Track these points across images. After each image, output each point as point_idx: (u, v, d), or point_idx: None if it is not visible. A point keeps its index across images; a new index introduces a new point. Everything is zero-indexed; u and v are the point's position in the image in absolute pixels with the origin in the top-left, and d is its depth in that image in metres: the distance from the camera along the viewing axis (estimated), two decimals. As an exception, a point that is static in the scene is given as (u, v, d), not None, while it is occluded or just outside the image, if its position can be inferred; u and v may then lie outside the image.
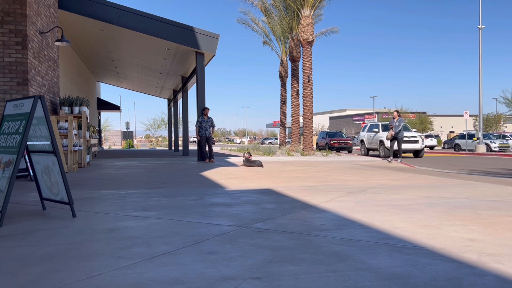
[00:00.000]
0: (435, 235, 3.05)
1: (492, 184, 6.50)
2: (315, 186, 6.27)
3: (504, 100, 48.98)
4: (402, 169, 10.78)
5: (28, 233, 3.21)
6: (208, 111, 13.15)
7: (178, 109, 24.38)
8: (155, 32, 12.94)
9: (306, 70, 18.77)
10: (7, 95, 8.05)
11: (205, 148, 13.04)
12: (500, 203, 4.54)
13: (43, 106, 3.81)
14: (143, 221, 3.65)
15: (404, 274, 2.19)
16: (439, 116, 68.28)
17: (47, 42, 9.83)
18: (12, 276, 2.20)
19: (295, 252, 2.62)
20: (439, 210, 4.08)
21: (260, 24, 26.06)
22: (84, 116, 10.34)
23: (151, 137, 76.06)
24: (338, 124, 78.79)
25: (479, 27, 25.76)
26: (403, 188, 5.91)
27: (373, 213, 3.93)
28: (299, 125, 23.91)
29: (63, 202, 3.93)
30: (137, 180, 7.41)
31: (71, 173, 8.63)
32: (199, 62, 13.94)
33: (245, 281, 2.11)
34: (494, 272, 2.23)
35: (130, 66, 19.76)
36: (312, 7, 18.85)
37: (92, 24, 12.83)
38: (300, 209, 4.19)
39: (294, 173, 8.55)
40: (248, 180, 7.16)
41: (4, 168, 3.74)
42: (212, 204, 4.54)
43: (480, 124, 26.44)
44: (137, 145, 49.65)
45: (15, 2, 8.10)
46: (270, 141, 68.56)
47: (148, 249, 2.72)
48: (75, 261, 2.45)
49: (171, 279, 2.13)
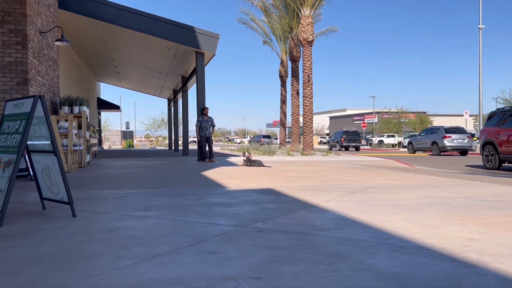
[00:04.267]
0: (435, 235, 3.05)
1: (492, 184, 6.50)
2: (315, 186, 6.27)
3: (503, 101, 48.94)
4: (402, 169, 10.79)
5: (28, 233, 3.21)
6: (207, 110, 13.16)
7: (178, 109, 24.38)
8: (155, 32, 12.94)
9: (306, 69, 18.77)
10: (7, 95, 8.05)
11: (205, 148, 13.04)
12: (500, 203, 4.54)
13: (43, 106, 3.81)
14: (143, 221, 3.65)
15: (404, 274, 2.19)
16: (439, 116, 68.24)
17: (47, 42, 9.83)
18: (12, 276, 2.20)
19: (295, 252, 2.62)
20: (439, 210, 4.08)
21: (260, 23, 26.06)
22: (84, 116, 10.34)
23: (151, 137, 75.99)
24: (338, 124, 78.80)
25: (479, 27, 25.76)
26: (403, 188, 5.91)
27: (373, 213, 3.93)
28: (299, 125, 23.92)
29: (63, 202, 3.92)
30: (137, 180, 7.41)
31: (71, 173, 8.63)
32: (199, 62, 13.94)
33: (245, 281, 2.11)
34: (494, 272, 2.23)
35: (130, 66, 19.76)
36: (312, 6, 18.84)
37: (92, 24, 12.83)
38: (300, 209, 4.19)
39: (294, 173, 8.55)
40: (248, 180, 7.16)
41: (4, 168, 3.74)
42: (212, 204, 4.54)
43: (480, 124, 26.44)
44: (137, 145, 49.63)
45: (15, 1, 8.10)
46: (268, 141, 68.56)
47: (148, 249, 2.72)
48: (75, 261, 2.45)
49: (171, 279, 2.13)
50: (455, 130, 22.39)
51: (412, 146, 24.46)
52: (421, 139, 23.96)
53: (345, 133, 32.79)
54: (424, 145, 23.46)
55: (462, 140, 21.69)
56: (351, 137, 32.39)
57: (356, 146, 32.44)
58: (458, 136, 21.83)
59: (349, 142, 32.11)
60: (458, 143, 21.65)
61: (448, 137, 21.79)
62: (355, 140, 32.31)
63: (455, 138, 21.73)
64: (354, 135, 32.82)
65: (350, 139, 32.23)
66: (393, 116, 51.23)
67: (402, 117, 50.03)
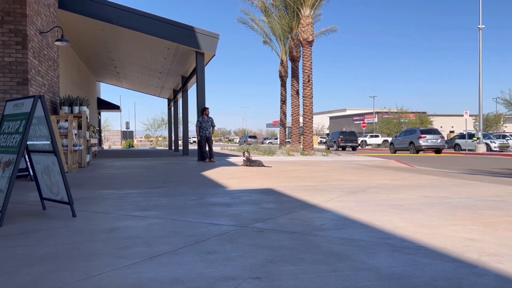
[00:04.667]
0: (435, 235, 3.05)
1: (492, 184, 6.50)
2: (315, 186, 6.27)
3: (503, 101, 48.93)
4: (402, 169, 10.79)
5: (28, 233, 3.21)
6: (208, 111, 13.16)
7: (178, 109, 24.38)
8: (155, 32, 12.94)
9: (306, 70, 18.77)
10: (7, 95, 8.05)
11: (205, 148, 13.04)
12: (500, 203, 4.54)
13: (43, 106, 3.81)
14: (143, 221, 3.65)
15: (404, 274, 2.19)
16: (439, 116, 68.24)
17: (47, 42, 9.83)
18: (12, 276, 2.20)
19: (295, 252, 2.62)
20: (439, 210, 4.08)
21: (260, 23, 26.06)
22: (84, 116, 10.34)
23: (151, 137, 76.03)
24: (338, 124, 78.78)
25: (479, 27, 25.76)
26: (403, 188, 5.91)
27: (373, 213, 3.93)
28: (299, 125, 23.94)
29: (63, 202, 3.92)
30: (137, 180, 7.41)
31: (71, 173, 8.63)
32: (199, 62, 13.94)
33: (245, 281, 2.11)
34: (494, 272, 2.23)
35: (130, 66, 19.76)
36: (312, 7, 18.84)
37: (92, 24, 12.83)
38: (300, 209, 4.19)
39: (294, 173, 8.55)
40: (248, 180, 7.16)
41: (4, 168, 3.74)
42: (212, 204, 4.54)
43: (480, 124, 26.44)
44: (137, 145, 49.65)
45: (15, 1, 8.10)
46: (270, 141, 68.67)
47: (148, 249, 2.72)
48: (75, 261, 2.45)
49: (171, 279, 2.13)
50: (430, 131, 24.85)
51: (393, 146, 26.38)
52: (401, 139, 25.93)
53: (342, 133, 34.24)
54: (403, 145, 25.46)
55: (436, 140, 23.97)
56: (348, 137, 33.69)
57: (353, 146, 33.80)
58: (432, 136, 24.04)
59: (346, 142, 33.42)
60: (432, 142, 23.88)
61: (423, 137, 23.98)
62: (352, 140, 33.64)
63: (430, 138, 23.96)
64: (351, 135, 34.14)
65: (347, 139, 33.57)
66: (393, 116, 51.26)
67: (402, 117, 50.06)
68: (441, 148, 24.08)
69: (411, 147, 24.48)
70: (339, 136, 33.76)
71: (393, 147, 26.29)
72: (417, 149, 24.11)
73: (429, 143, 23.76)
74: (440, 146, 23.90)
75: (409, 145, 24.79)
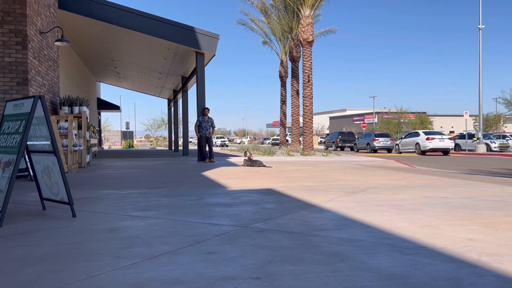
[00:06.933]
0: (435, 235, 3.05)
1: (492, 184, 6.49)
2: (315, 186, 6.27)
3: (503, 101, 48.94)
4: (402, 169, 10.79)
5: (28, 233, 3.20)
6: (208, 111, 13.16)
7: (178, 109, 24.38)
8: (155, 32, 12.94)
9: (306, 70, 18.77)
10: (7, 95, 8.05)
11: (205, 148, 13.05)
12: (500, 203, 4.54)
13: (43, 106, 3.81)
14: (143, 221, 3.65)
15: (404, 274, 2.19)
16: (439, 116, 68.27)
17: (47, 42, 9.83)
18: (12, 276, 2.20)
19: (295, 252, 2.62)
20: (439, 210, 4.08)
21: (260, 24, 26.09)
22: (84, 116, 10.34)
23: (151, 137, 75.98)
24: (338, 124, 78.78)
25: (479, 27, 25.76)
26: (403, 188, 5.91)
27: (373, 213, 3.93)
28: (299, 125, 23.94)
29: (63, 202, 3.92)
30: (137, 180, 7.41)
31: (71, 173, 8.63)
32: (199, 62, 13.94)
33: (245, 281, 2.11)
34: (494, 272, 2.23)
35: (130, 66, 19.76)
36: (311, 7, 18.85)
37: (92, 24, 12.83)
38: (300, 209, 4.19)
39: (294, 173, 8.55)
40: (248, 180, 7.16)
41: (4, 168, 3.74)
42: (212, 204, 4.54)
43: (480, 124, 26.44)
44: (137, 145, 49.63)
45: (15, 2, 8.10)
46: (270, 141, 68.64)
47: (148, 249, 2.72)
48: (75, 261, 2.45)
49: (171, 279, 2.13)
50: (382, 134, 28.10)
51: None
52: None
53: (340, 134, 35.00)
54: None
55: (386, 142, 27.09)
56: (346, 138, 34.35)
57: (351, 146, 34.61)
58: (384, 139, 27.27)
59: (344, 143, 34.05)
60: (384, 144, 26.97)
61: (376, 140, 27.15)
62: (350, 140, 34.31)
63: (382, 140, 27.25)
64: (349, 135, 34.87)
65: (345, 139, 34.22)
66: (393, 116, 51.26)
67: (402, 117, 50.06)
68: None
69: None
70: (337, 137, 34.46)
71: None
72: (372, 149, 27.39)
73: (381, 144, 27.07)
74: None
75: (366, 145, 28.36)
